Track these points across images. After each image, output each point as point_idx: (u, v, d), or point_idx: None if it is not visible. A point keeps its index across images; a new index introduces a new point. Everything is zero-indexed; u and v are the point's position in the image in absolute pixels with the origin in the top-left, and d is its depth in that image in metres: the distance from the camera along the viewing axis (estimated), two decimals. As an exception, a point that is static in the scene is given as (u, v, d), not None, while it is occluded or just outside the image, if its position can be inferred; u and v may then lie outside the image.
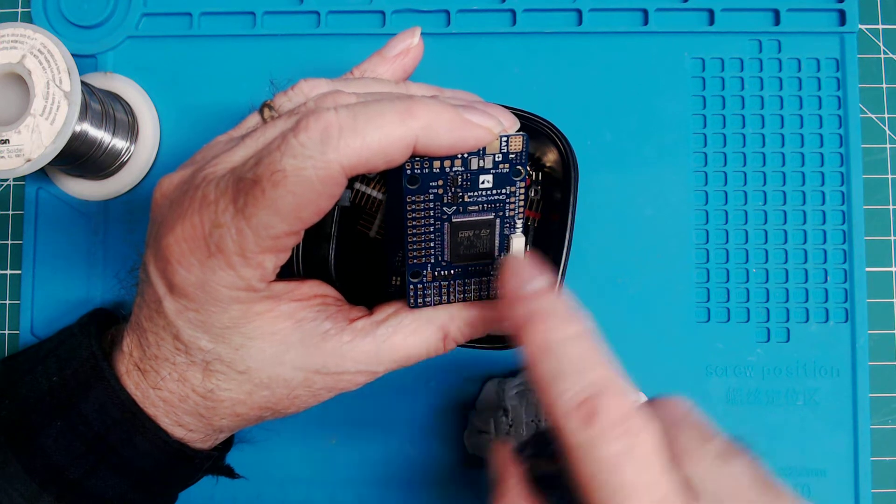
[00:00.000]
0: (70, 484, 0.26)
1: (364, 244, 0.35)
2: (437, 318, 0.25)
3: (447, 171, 0.24)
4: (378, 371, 0.25)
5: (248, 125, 0.25)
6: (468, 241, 0.25)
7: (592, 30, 0.38)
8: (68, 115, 0.31)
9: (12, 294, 0.39)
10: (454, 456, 0.37)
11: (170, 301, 0.23)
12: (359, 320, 0.25)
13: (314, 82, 0.25)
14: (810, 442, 0.36)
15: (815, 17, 0.38)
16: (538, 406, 0.35)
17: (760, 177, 0.38)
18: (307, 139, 0.20)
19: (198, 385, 0.24)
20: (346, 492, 0.37)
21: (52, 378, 0.27)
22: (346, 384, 0.25)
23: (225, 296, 0.22)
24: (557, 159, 0.33)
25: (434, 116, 0.22)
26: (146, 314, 0.24)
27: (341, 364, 0.24)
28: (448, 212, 0.25)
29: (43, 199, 0.38)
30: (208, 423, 0.26)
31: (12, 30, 0.32)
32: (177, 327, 0.23)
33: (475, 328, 0.26)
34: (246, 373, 0.24)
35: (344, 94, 0.22)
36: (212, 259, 0.21)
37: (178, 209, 0.22)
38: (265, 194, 0.20)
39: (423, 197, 0.25)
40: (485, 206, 0.25)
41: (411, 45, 0.27)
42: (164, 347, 0.24)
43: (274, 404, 0.25)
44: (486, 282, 0.26)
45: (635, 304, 0.37)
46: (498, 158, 0.24)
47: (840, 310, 0.37)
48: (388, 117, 0.21)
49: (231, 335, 0.23)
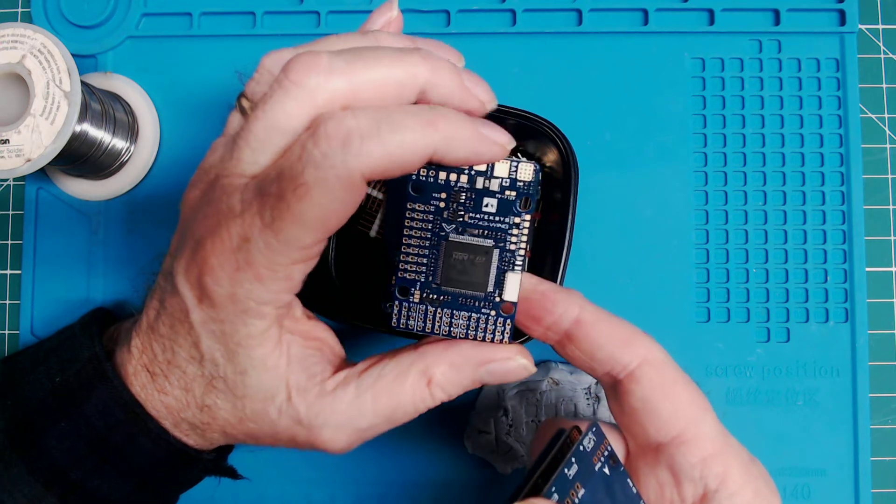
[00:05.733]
0: (73, 484, 0.26)
1: (364, 244, 0.35)
2: (420, 361, 0.24)
3: (452, 185, 0.24)
4: (361, 427, 0.24)
5: (233, 123, 0.25)
6: (461, 266, 0.24)
7: (592, 30, 0.38)
8: (68, 115, 0.31)
9: (12, 294, 0.39)
10: (454, 456, 0.37)
11: (198, 311, 0.23)
12: (342, 371, 0.24)
13: (275, 55, 0.24)
14: (810, 442, 0.36)
15: (815, 17, 0.38)
16: (538, 406, 0.35)
17: (760, 177, 0.38)
18: (328, 148, 0.20)
19: (198, 397, 0.24)
20: (346, 492, 0.37)
21: (54, 379, 0.27)
22: (327, 443, 0.24)
23: (252, 308, 0.22)
24: (558, 159, 0.33)
25: (455, 130, 0.21)
26: (167, 321, 0.24)
27: (321, 416, 0.23)
28: (447, 229, 0.24)
29: (43, 199, 0.38)
30: (202, 435, 0.26)
31: (12, 30, 0.32)
32: (198, 336, 0.23)
33: (461, 372, 0.24)
34: (242, 399, 0.24)
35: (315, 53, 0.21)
36: (240, 272, 0.21)
37: (207, 222, 0.22)
38: (290, 209, 0.20)
39: (424, 207, 0.24)
40: (485, 232, 0.24)
41: (391, 17, 0.26)
42: (180, 355, 0.24)
43: (258, 436, 0.25)
44: (476, 320, 0.24)
45: (635, 304, 0.37)
46: (505, 183, 0.23)
47: (840, 310, 0.37)
48: (410, 127, 0.21)
49: (239, 355, 0.23)
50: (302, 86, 0.21)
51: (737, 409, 0.37)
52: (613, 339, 0.24)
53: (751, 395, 0.37)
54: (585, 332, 0.24)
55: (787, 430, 0.36)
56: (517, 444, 0.35)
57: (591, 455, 0.23)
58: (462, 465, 0.37)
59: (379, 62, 0.21)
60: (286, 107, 0.21)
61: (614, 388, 0.25)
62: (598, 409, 0.35)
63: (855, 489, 0.36)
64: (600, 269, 0.37)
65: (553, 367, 0.36)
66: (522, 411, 0.35)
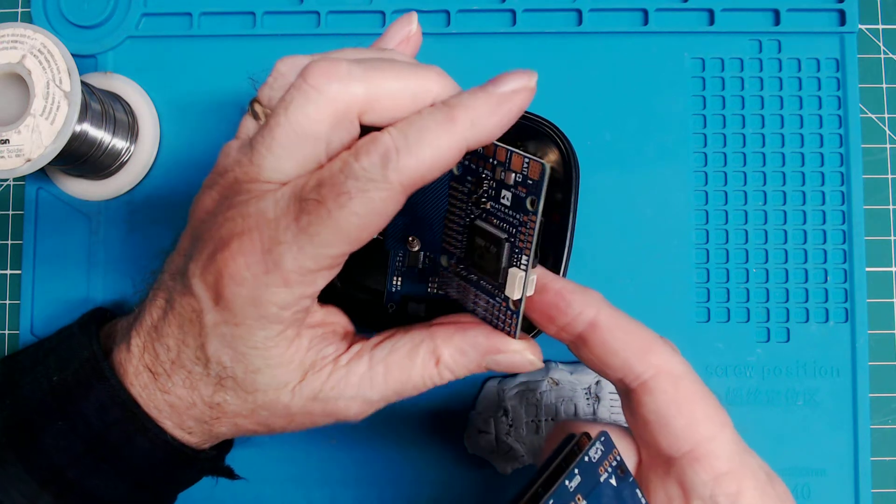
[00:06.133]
0: (69, 483, 0.26)
1: (365, 244, 0.35)
2: (430, 341, 0.25)
3: (480, 172, 0.24)
4: (372, 399, 0.24)
5: (247, 126, 0.25)
6: (481, 252, 0.25)
7: (592, 30, 0.38)
8: (68, 115, 0.31)
9: (12, 294, 0.39)
10: (454, 456, 0.37)
11: (212, 314, 0.23)
12: (356, 344, 0.25)
13: (291, 60, 0.24)
14: (810, 442, 0.36)
15: (815, 17, 0.38)
16: (538, 406, 0.35)
17: (760, 177, 0.38)
18: (369, 163, 0.21)
19: (207, 396, 0.24)
20: (346, 492, 0.37)
21: (52, 378, 0.27)
22: (341, 412, 0.25)
23: (272, 314, 0.22)
24: (559, 159, 0.33)
25: (473, 111, 0.21)
26: (174, 321, 0.24)
27: (336, 389, 0.24)
28: (475, 212, 0.25)
29: (43, 199, 0.38)
30: (209, 429, 0.26)
31: (12, 30, 0.32)
32: (206, 339, 0.23)
33: (468, 357, 0.25)
34: (253, 394, 0.24)
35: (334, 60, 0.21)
36: (268, 275, 0.22)
37: (230, 224, 0.22)
38: (331, 215, 0.21)
39: (461, 188, 0.25)
40: (501, 224, 0.24)
41: (410, 32, 0.27)
42: (185, 355, 0.24)
43: (271, 423, 0.25)
44: (492, 306, 0.25)
45: (635, 304, 0.37)
46: (518, 179, 0.23)
47: (840, 310, 0.37)
48: (433, 130, 0.21)
49: (253, 357, 0.23)
50: (322, 91, 0.21)
51: (737, 409, 0.37)
52: (629, 347, 0.23)
53: (751, 395, 0.37)
54: (600, 336, 0.24)
55: (787, 430, 0.36)
56: (517, 444, 0.35)
57: (598, 465, 0.22)
58: (462, 465, 0.37)
59: (396, 73, 0.22)
60: (307, 111, 0.21)
61: (627, 395, 0.24)
62: (598, 409, 0.35)
63: (855, 489, 0.36)
64: (600, 269, 0.37)
65: (553, 367, 0.36)
66: (522, 411, 0.35)
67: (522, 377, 0.36)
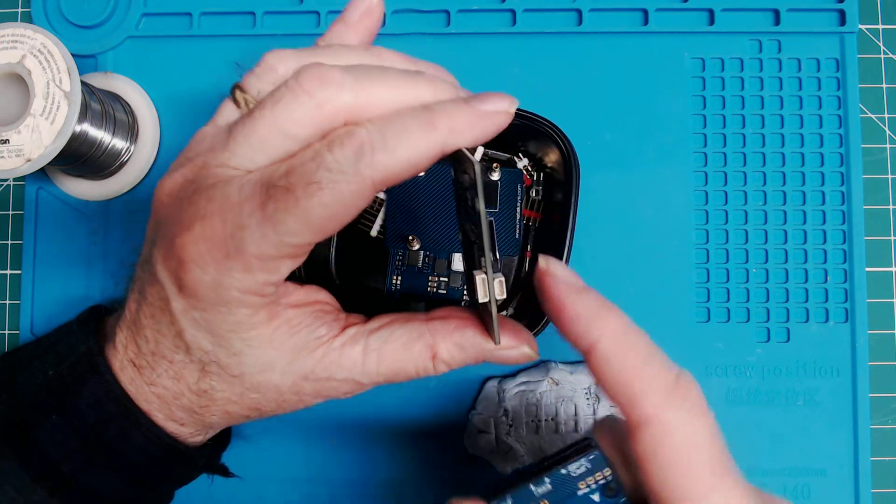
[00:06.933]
0: (64, 478, 0.26)
1: (364, 243, 0.35)
2: (429, 335, 0.25)
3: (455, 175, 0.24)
4: (363, 382, 0.25)
5: (225, 113, 0.25)
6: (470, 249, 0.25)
7: (592, 30, 0.38)
8: (68, 115, 0.31)
9: (12, 294, 0.39)
10: (454, 456, 0.37)
11: (178, 300, 0.23)
12: (351, 327, 0.25)
13: (280, 54, 0.24)
14: (810, 442, 0.36)
15: (815, 17, 0.38)
16: (538, 406, 0.35)
17: (760, 177, 0.38)
18: (342, 156, 0.21)
19: (193, 384, 0.24)
20: (346, 492, 0.37)
21: (48, 373, 0.27)
22: (332, 391, 0.25)
23: (235, 298, 0.22)
24: (559, 159, 0.33)
25: (454, 121, 0.22)
26: (147, 312, 0.24)
27: (328, 370, 0.24)
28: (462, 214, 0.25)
29: (43, 199, 0.38)
30: (200, 419, 0.26)
31: (12, 30, 0.32)
32: (181, 326, 0.23)
33: (465, 352, 0.25)
34: (239, 377, 0.24)
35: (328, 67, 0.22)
36: (229, 261, 0.21)
37: (193, 208, 0.22)
38: (298, 203, 0.21)
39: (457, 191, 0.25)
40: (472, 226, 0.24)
41: (371, 4, 0.27)
42: (164, 345, 0.24)
43: (262, 406, 0.25)
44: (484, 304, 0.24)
45: (635, 304, 0.37)
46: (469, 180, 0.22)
47: (840, 310, 0.37)
48: (412, 133, 0.21)
49: (231, 339, 0.23)
50: (313, 96, 0.21)
51: (737, 409, 0.37)
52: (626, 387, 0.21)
53: (751, 395, 0.37)
54: (597, 365, 0.21)
55: (787, 430, 0.36)
56: (517, 444, 0.35)
57: (578, 480, 0.22)
58: (462, 465, 0.37)
59: (386, 83, 0.22)
60: (294, 114, 0.21)
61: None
62: (598, 409, 0.35)
63: (855, 489, 0.36)
64: (600, 269, 0.37)
65: (553, 367, 0.36)
66: (522, 411, 0.35)
67: (522, 377, 0.36)
